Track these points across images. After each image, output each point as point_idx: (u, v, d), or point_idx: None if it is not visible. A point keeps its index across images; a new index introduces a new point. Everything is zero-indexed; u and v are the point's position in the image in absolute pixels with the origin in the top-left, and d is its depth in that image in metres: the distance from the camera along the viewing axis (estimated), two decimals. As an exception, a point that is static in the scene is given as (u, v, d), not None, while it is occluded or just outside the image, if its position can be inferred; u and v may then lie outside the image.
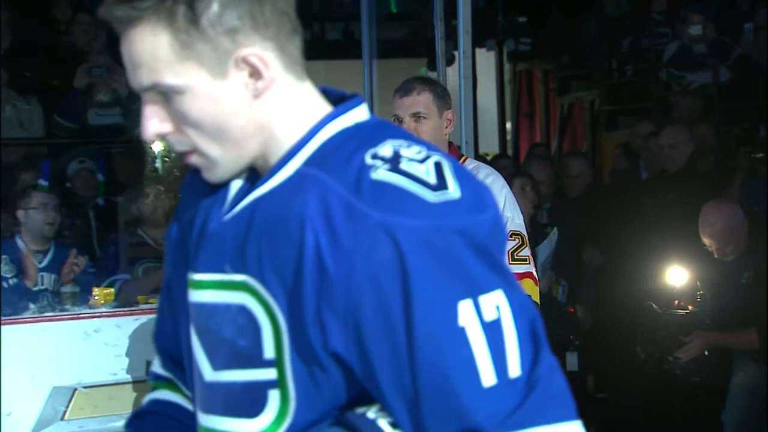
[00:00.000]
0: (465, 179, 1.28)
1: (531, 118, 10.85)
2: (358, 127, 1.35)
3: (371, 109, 1.44)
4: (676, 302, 4.62)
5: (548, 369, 1.25)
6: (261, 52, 1.30)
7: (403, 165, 1.26)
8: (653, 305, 4.64)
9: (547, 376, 1.24)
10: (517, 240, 3.36)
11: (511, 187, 5.20)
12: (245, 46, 1.29)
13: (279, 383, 1.32)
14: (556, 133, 10.17)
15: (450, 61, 6.37)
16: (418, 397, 1.23)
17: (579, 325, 5.33)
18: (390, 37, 8.59)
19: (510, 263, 3.18)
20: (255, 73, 1.31)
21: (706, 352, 4.49)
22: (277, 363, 1.31)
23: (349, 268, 1.23)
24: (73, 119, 6.59)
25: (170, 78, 1.29)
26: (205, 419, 1.40)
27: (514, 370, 1.23)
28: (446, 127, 3.44)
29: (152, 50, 1.29)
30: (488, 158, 8.20)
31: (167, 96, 1.31)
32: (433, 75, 9.37)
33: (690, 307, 4.57)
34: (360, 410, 1.30)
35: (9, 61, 6.59)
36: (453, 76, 5.01)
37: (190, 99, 1.31)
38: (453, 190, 1.25)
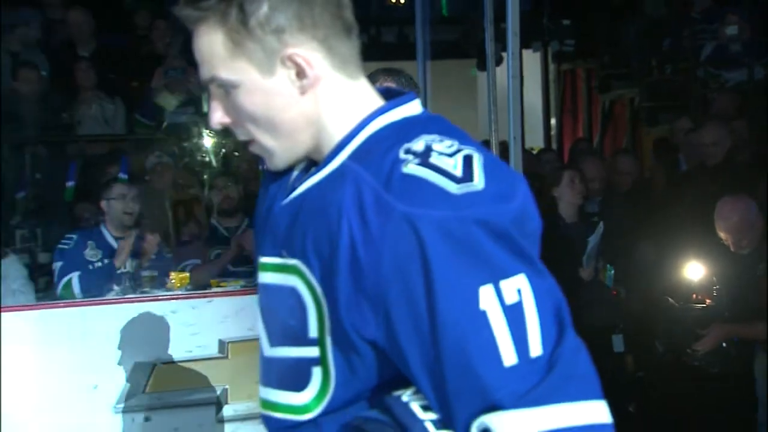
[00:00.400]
0: (495, 172, 1.26)
1: (574, 114, 10.73)
2: (405, 122, 1.35)
3: (424, 106, 1.44)
4: (694, 296, 4.50)
5: (571, 350, 1.22)
6: (306, 52, 1.31)
7: (433, 159, 1.26)
8: (669, 299, 4.54)
9: (570, 356, 1.21)
10: None
11: (560, 180, 5.22)
12: (291, 46, 1.31)
13: (321, 361, 1.33)
14: (598, 129, 10.07)
15: (499, 61, 6.33)
16: (443, 377, 1.22)
17: (623, 308, 5.27)
18: (442, 39, 8.54)
19: None
20: (300, 72, 1.32)
21: (723, 344, 4.34)
22: (319, 342, 1.32)
23: (377, 257, 1.24)
24: (151, 117, 6.67)
25: (224, 73, 1.33)
26: (263, 391, 1.43)
27: (536, 349, 1.20)
28: None
29: (210, 47, 1.32)
30: (534, 152, 8.17)
31: (226, 90, 1.34)
32: (483, 75, 9.31)
33: (708, 301, 4.46)
34: (397, 393, 1.29)
35: (96, 65, 6.68)
36: (502, 76, 4.96)
37: (243, 93, 1.33)
38: (477, 182, 1.24)
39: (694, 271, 4.53)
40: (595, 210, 5.47)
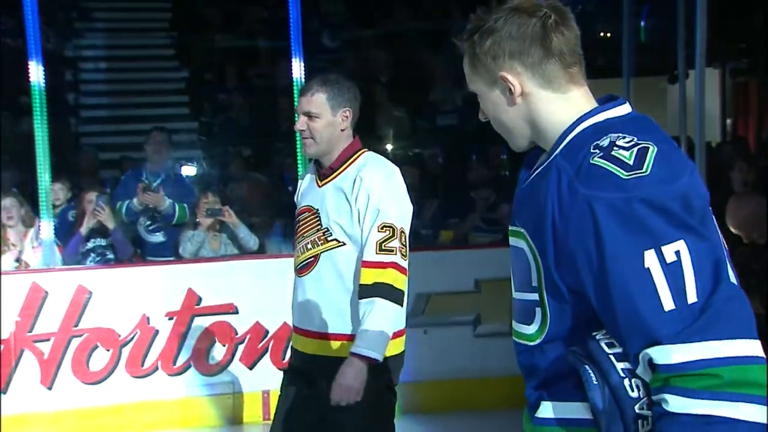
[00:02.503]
0: (663, 160, 1.21)
1: (746, 116, 9.90)
2: (606, 122, 1.30)
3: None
4: None
5: (724, 297, 1.16)
6: (514, 74, 1.32)
7: (613, 152, 1.22)
8: None
9: (721, 303, 1.16)
10: (387, 232, 2.41)
11: (733, 169, 4.87)
12: (503, 69, 1.33)
13: (540, 303, 1.33)
14: (766, 128, 9.22)
15: (686, 76, 5.99)
16: (616, 321, 1.21)
17: None
18: (639, 61, 8.12)
19: (377, 252, 2.39)
20: (509, 88, 1.33)
21: None
22: (538, 289, 1.33)
23: (567, 228, 1.23)
24: (428, 121, 6.83)
25: (471, 86, 1.40)
26: (514, 324, 1.45)
27: (692, 297, 1.16)
28: (342, 122, 2.51)
29: (465, 67, 1.39)
30: (713, 145, 7.61)
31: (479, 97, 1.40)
32: (671, 88, 8.74)
33: None
34: (594, 333, 1.27)
35: (390, 87, 6.94)
36: (689, 88, 4.75)
37: (482, 100, 1.39)
38: (644, 169, 1.19)
39: None
40: None
